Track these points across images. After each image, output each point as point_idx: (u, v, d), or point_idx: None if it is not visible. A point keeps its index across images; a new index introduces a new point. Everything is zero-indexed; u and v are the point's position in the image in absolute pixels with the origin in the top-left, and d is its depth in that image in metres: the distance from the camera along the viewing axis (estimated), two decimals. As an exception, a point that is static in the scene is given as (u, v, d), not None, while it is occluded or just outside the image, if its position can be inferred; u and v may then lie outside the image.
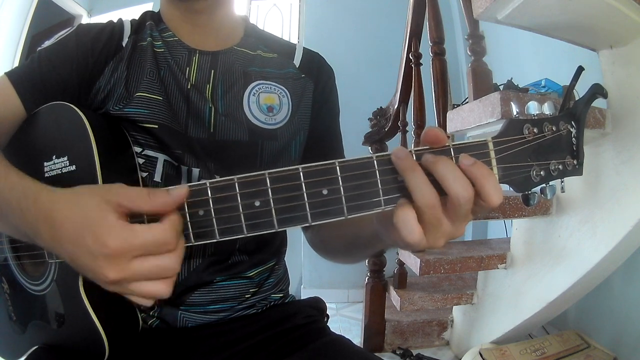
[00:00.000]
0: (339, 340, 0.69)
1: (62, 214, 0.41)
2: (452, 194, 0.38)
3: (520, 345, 1.47)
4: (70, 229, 0.40)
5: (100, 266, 0.39)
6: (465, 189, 0.38)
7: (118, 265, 0.39)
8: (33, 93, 0.62)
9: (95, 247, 0.39)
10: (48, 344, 0.62)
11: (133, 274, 0.39)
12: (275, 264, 0.75)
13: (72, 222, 0.40)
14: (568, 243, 1.36)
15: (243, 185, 0.39)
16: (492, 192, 0.39)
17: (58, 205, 0.42)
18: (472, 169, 0.38)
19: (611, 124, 1.22)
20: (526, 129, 0.41)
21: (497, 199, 0.39)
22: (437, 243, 0.41)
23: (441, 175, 0.38)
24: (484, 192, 0.39)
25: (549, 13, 1.09)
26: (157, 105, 0.64)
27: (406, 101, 2.00)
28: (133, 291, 0.40)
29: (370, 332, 1.94)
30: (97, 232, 0.39)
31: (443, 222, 0.39)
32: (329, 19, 3.10)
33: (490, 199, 0.39)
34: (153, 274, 0.40)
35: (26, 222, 0.45)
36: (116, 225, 0.39)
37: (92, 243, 0.39)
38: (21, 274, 0.64)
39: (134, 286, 0.40)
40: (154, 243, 0.39)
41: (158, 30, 0.69)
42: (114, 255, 0.38)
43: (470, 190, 0.38)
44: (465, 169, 0.38)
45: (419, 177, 0.38)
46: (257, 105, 0.69)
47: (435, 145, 0.40)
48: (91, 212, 0.40)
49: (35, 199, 0.44)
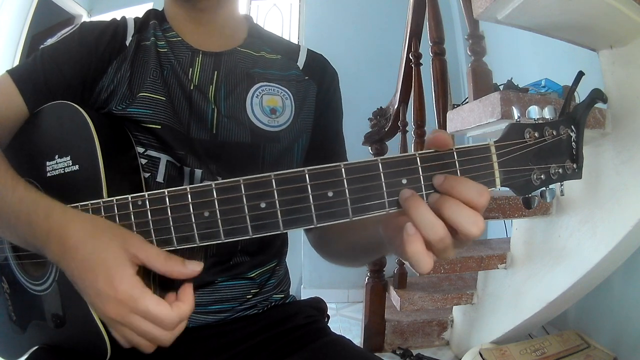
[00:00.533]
0: (339, 340, 0.69)
1: (76, 239, 0.43)
2: (461, 230, 0.39)
3: (520, 345, 1.47)
4: (82, 259, 0.42)
5: (102, 302, 0.42)
6: (475, 222, 0.39)
7: (119, 310, 0.41)
8: (35, 92, 0.62)
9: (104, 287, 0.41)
10: (48, 344, 0.62)
11: (129, 324, 0.42)
12: (277, 264, 0.75)
13: (86, 253, 0.42)
14: (568, 243, 1.36)
15: (249, 187, 0.40)
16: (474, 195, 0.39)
17: (72, 227, 0.44)
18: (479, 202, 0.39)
19: (611, 124, 1.22)
20: (527, 133, 0.42)
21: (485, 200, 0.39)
22: (446, 258, 0.42)
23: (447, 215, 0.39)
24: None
25: (549, 13, 1.09)
26: (160, 106, 0.64)
27: (406, 101, 2.00)
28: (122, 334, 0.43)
29: (370, 332, 1.94)
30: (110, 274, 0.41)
31: (452, 246, 0.40)
32: (329, 19, 3.10)
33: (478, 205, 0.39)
34: (144, 335, 0.42)
35: (35, 236, 0.46)
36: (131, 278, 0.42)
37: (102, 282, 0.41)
38: (22, 274, 0.64)
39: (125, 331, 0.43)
40: (155, 317, 0.41)
41: (161, 30, 0.69)
42: (118, 300, 0.41)
43: (480, 221, 0.39)
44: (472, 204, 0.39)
45: (425, 214, 0.39)
46: (260, 107, 0.69)
47: (441, 149, 0.41)
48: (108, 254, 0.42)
49: (46, 215, 0.46)
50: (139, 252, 0.42)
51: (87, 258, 0.42)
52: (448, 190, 0.40)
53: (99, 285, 0.41)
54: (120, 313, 0.41)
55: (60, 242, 0.44)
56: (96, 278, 0.41)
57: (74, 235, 0.43)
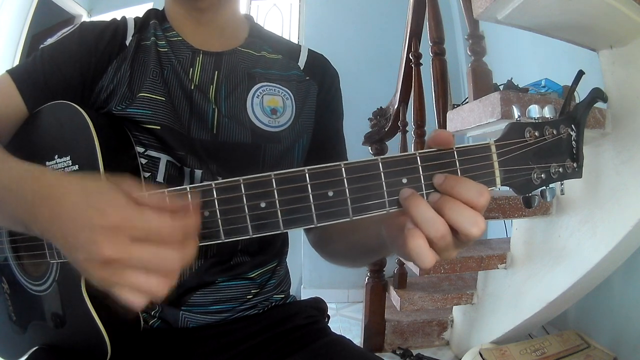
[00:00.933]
0: (339, 340, 0.69)
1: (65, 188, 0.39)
2: (462, 231, 0.39)
3: (520, 345, 1.47)
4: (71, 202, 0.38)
5: (96, 241, 0.35)
6: (475, 222, 0.39)
7: (116, 242, 0.35)
8: (35, 91, 0.62)
9: (94, 218, 0.36)
10: (48, 345, 0.62)
11: (130, 256, 0.35)
12: (277, 265, 0.75)
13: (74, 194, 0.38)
14: (568, 243, 1.36)
15: (249, 187, 0.40)
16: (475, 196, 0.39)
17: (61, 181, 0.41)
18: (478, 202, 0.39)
19: (611, 124, 1.22)
20: (527, 132, 0.42)
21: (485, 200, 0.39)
22: (449, 257, 0.42)
23: (447, 216, 0.39)
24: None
25: (549, 13, 1.09)
26: (159, 106, 0.64)
27: (406, 101, 2.00)
28: (126, 280, 0.36)
29: (370, 332, 1.94)
30: (99, 201, 0.37)
31: (454, 244, 0.40)
32: (329, 19, 3.10)
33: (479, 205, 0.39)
34: (152, 263, 0.36)
35: (24, 204, 0.43)
36: (121, 200, 0.37)
37: (91, 213, 0.36)
38: (21, 274, 0.64)
39: (128, 275, 0.36)
40: (157, 230, 0.36)
41: (162, 30, 0.69)
42: (112, 228, 0.35)
43: (480, 221, 0.39)
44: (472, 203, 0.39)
45: (426, 212, 0.39)
46: (260, 108, 0.69)
47: (444, 147, 0.41)
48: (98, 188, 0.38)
49: (36, 177, 0.43)
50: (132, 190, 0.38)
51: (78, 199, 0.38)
52: (448, 191, 0.40)
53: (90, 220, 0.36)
54: (118, 246, 0.35)
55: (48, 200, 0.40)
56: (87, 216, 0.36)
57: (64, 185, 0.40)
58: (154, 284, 0.36)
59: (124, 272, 0.36)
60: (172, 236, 0.36)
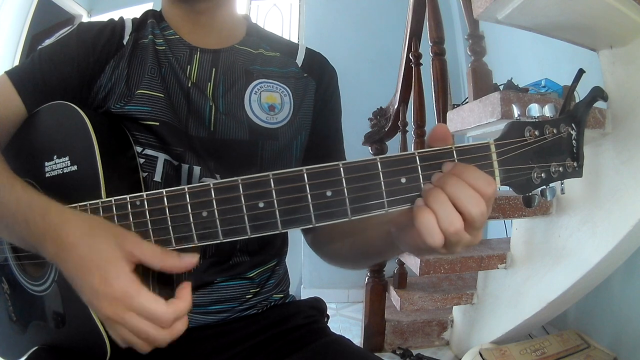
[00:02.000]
0: (339, 340, 0.69)
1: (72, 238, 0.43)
2: (467, 214, 0.38)
3: (520, 345, 1.47)
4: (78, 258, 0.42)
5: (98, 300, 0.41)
6: (477, 204, 0.38)
7: (115, 308, 0.41)
8: (34, 92, 0.62)
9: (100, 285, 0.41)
10: (48, 345, 0.62)
11: (124, 323, 0.41)
12: (277, 264, 0.75)
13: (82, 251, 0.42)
14: (568, 243, 1.36)
15: (247, 187, 0.39)
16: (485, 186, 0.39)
17: (68, 226, 0.44)
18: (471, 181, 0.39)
19: (611, 124, 1.22)
20: (527, 131, 0.41)
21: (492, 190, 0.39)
22: (455, 251, 0.41)
23: (454, 197, 0.38)
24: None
25: (549, 13, 1.09)
26: (158, 103, 0.64)
27: (406, 101, 2.00)
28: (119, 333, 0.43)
29: (370, 332, 1.94)
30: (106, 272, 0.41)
31: (464, 237, 0.40)
32: (329, 19, 3.10)
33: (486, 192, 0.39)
34: (140, 334, 0.42)
35: (32, 235, 0.46)
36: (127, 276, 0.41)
37: (98, 280, 0.41)
38: (21, 275, 0.64)
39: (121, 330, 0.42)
40: (151, 314, 0.41)
41: (159, 29, 0.69)
42: (113, 298, 0.41)
43: (483, 206, 0.39)
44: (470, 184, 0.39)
45: (447, 207, 0.39)
46: (258, 104, 0.69)
47: (441, 143, 0.40)
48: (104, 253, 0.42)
49: (43, 215, 0.46)
50: (134, 250, 0.42)
51: (83, 257, 0.42)
52: (456, 175, 0.39)
53: (94, 283, 0.41)
54: (116, 311, 0.41)
55: (57, 242, 0.44)
56: (92, 277, 0.41)
57: (70, 235, 0.43)
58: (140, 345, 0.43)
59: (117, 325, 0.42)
60: (162, 322, 0.42)
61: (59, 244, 0.44)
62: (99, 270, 0.41)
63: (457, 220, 0.39)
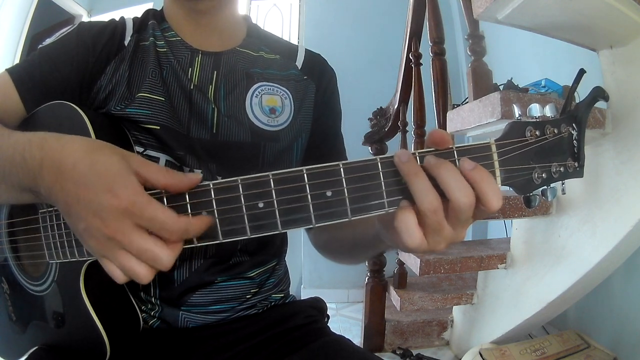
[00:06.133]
0: (339, 340, 0.69)
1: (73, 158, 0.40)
2: (454, 199, 0.38)
3: (520, 345, 1.47)
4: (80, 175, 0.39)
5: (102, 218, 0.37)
6: (467, 196, 0.38)
7: (121, 224, 0.37)
8: (33, 91, 0.62)
9: (105, 199, 0.37)
10: (48, 344, 0.62)
11: (128, 242, 0.37)
12: (276, 264, 0.75)
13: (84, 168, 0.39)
14: (568, 243, 1.36)
15: (247, 187, 0.39)
16: (492, 197, 0.38)
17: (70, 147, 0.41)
18: (472, 174, 0.38)
19: (611, 124, 1.22)
20: (528, 131, 0.41)
21: (497, 204, 0.38)
22: (437, 247, 0.40)
23: (443, 180, 0.38)
24: (484, 197, 0.38)
25: (549, 13, 1.09)
26: (159, 106, 0.64)
27: (406, 101, 2.00)
28: (117, 259, 0.38)
29: (370, 332, 1.94)
30: (112, 183, 0.37)
31: (444, 226, 0.39)
32: (329, 19, 3.10)
33: (490, 204, 0.38)
34: (144, 256, 0.38)
35: (29, 172, 0.43)
36: (135, 185, 0.38)
37: (103, 193, 0.37)
38: (21, 275, 0.64)
39: (122, 255, 0.38)
40: (161, 224, 0.37)
41: (160, 30, 0.69)
42: (121, 211, 0.37)
43: (471, 197, 0.38)
44: (467, 174, 0.38)
45: (422, 181, 0.38)
46: (259, 107, 0.69)
47: (440, 147, 0.40)
48: (110, 165, 0.39)
49: (41, 144, 0.43)
50: (140, 167, 0.39)
51: (85, 173, 0.39)
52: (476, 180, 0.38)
53: (99, 198, 0.37)
54: (122, 228, 0.37)
55: (55, 166, 0.40)
56: (95, 192, 0.37)
57: (70, 155, 0.40)
58: (140, 272, 0.38)
59: (119, 251, 0.38)
60: (172, 232, 0.38)
61: (57, 168, 0.40)
62: (103, 183, 0.37)
63: (436, 199, 0.38)
